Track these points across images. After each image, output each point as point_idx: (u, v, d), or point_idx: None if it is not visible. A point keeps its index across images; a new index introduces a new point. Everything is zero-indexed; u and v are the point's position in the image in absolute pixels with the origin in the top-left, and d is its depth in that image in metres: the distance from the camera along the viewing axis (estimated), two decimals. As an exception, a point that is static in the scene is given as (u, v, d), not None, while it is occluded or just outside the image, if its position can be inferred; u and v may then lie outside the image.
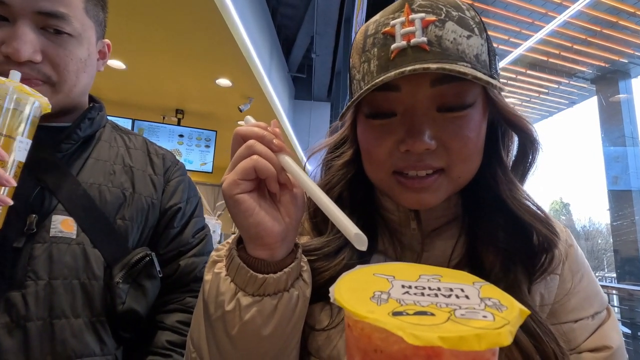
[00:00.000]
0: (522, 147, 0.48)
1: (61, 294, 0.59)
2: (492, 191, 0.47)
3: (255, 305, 0.37)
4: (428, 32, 0.40)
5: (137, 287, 0.66)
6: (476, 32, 0.42)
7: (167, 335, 0.69)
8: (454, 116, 0.42)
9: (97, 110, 0.71)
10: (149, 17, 2.89)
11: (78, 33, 0.62)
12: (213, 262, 0.41)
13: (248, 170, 0.37)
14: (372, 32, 0.44)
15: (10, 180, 0.49)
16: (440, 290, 0.25)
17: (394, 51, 0.41)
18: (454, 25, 0.41)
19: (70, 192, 0.64)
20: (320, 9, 5.17)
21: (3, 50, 0.56)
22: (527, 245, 0.46)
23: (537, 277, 0.46)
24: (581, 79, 5.31)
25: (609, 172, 4.51)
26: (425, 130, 0.41)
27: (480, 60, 0.42)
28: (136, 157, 0.75)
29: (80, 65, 0.64)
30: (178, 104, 5.02)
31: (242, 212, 0.37)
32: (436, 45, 0.40)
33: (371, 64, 0.43)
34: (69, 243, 0.62)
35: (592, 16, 4.31)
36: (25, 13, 0.57)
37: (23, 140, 0.52)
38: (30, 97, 0.53)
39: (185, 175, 0.82)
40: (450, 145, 0.42)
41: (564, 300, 0.47)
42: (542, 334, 0.41)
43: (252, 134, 0.38)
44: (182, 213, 0.77)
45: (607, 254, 4.91)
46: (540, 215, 0.46)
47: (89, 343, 0.60)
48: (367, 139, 0.45)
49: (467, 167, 0.44)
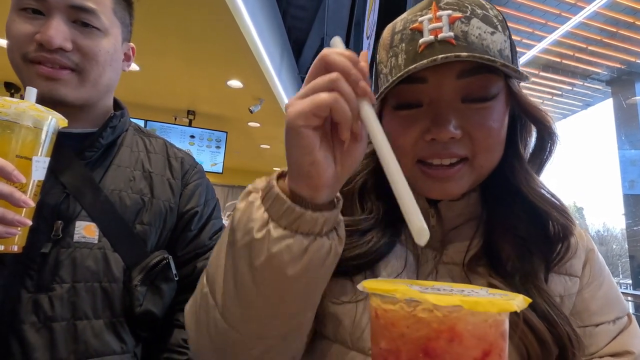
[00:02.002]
0: (540, 139, 0.50)
1: (83, 296, 0.62)
2: (509, 181, 0.48)
3: (286, 240, 0.34)
4: (455, 27, 0.42)
5: (155, 289, 0.68)
6: (499, 29, 0.44)
7: (183, 334, 0.71)
8: (478, 107, 0.44)
9: (118, 117, 0.74)
10: (163, 21, 2.93)
11: (105, 28, 0.67)
12: (248, 192, 0.39)
13: (323, 106, 0.32)
14: (400, 28, 0.46)
15: (28, 202, 0.51)
16: (453, 290, 0.28)
17: (422, 45, 0.43)
18: (478, 22, 0.43)
19: (93, 199, 0.66)
20: (330, 11, 5.18)
21: (37, 38, 0.60)
22: (544, 234, 0.47)
23: (554, 265, 0.47)
24: (596, 80, 5.21)
25: (624, 176, 4.41)
26: (450, 120, 0.43)
27: (504, 55, 0.44)
28: (155, 161, 0.77)
29: (107, 58, 0.67)
30: (189, 105, 5.07)
31: (301, 146, 0.33)
32: (462, 40, 0.42)
33: (399, 57, 0.45)
34: (91, 248, 0.64)
35: (608, 17, 4.23)
36: (59, 6, 0.62)
37: (40, 159, 0.53)
38: (46, 115, 0.54)
39: (204, 178, 0.83)
40: (475, 135, 0.44)
41: (585, 304, 0.48)
42: (556, 317, 0.42)
43: (340, 65, 0.33)
44: (200, 216, 0.78)
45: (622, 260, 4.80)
46: (556, 203, 0.47)
47: (109, 342, 0.63)
48: (393, 128, 0.46)
49: (489, 157, 0.45)
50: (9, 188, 0.49)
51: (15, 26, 0.62)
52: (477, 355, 0.23)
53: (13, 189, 0.49)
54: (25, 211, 0.52)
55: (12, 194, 0.49)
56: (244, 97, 4.44)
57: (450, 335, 0.23)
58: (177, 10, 2.79)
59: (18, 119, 0.51)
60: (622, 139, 4.57)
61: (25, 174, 0.51)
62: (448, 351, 0.23)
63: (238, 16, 2.88)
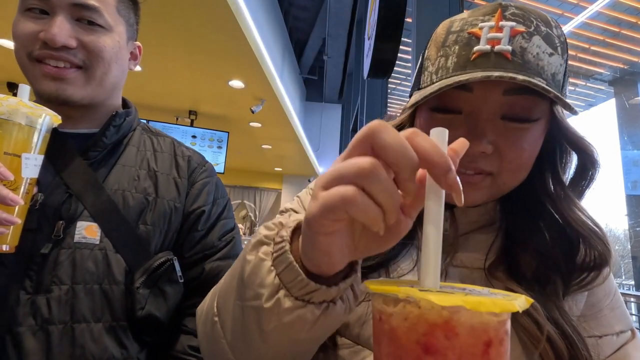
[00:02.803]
0: (582, 166, 0.48)
1: (82, 298, 0.61)
2: (545, 206, 0.48)
3: (298, 311, 0.32)
4: (514, 41, 0.41)
5: (158, 292, 0.67)
6: (559, 52, 0.42)
7: (188, 340, 0.69)
8: (516, 127, 0.42)
9: (122, 116, 0.72)
10: (164, 21, 2.94)
11: (109, 26, 0.67)
12: (259, 242, 0.36)
13: (338, 211, 0.25)
14: (457, 29, 0.44)
15: (16, 200, 0.50)
16: (454, 288, 0.28)
17: (476, 53, 0.41)
18: (540, 40, 0.41)
19: (95, 199, 0.65)
20: (332, 11, 5.18)
21: (42, 37, 0.61)
22: (571, 257, 0.46)
23: (575, 290, 0.46)
24: (599, 80, 5.19)
25: (627, 177, 4.39)
26: (486, 135, 0.42)
27: (556, 79, 0.42)
28: (162, 160, 0.76)
29: (112, 54, 0.67)
30: (191, 106, 5.08)
31: (315, 249, 0.29)
32: (519, 57, 0.40)
33: (449, 59, 0.43)
34: (92, 249, 0.63)
35: (611, 17, 4.22)
36: (63, 5, 0.62)
37: (30, 157, 0.52)
38: (39, 112, 0.53)
39: (213, 177, 0.81)
40: (505, 154, 0.43)
41: (592, 315, 0.47)
42: (577, 340, 0.41)
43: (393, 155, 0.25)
44: (208, 216, 0.76)
45: (625, 261, 4.77)
46: (598, 232, 0.46)
47: (108, 347, 0.61)
48: (427, 130, 0.45)
49: (514, 177, 0.45)
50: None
51: (20, 26, 0.62)
52: (478, 353, 0.23)
53: (1, 186, 0.48)
54: (18, 210, 0.51)
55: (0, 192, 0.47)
56: (246, 97, 4.44)
57: (451, 334, 0.23)
58: (178, 10, 2.80)
59: (9, 116, 0.50)
60: (625, 139, 4.56)
61: (16, 171, 0.50)
62: (449, 349, 0.23)
63: (240, 16, 2.88)
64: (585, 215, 0.47)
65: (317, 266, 0.31)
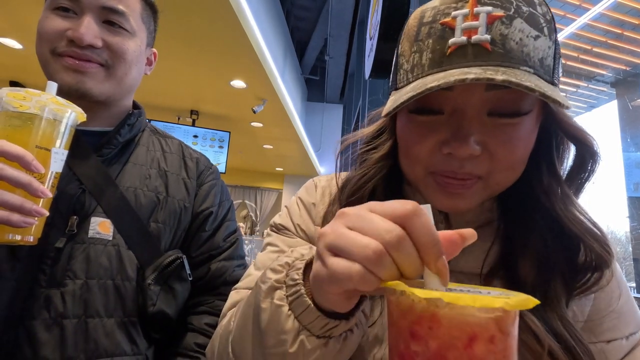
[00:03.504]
0: (580, 158, 0.45)
1: (95, 293, 0.62)
2: (541, 202, 0.44)
3: (321, 348, 0.34)
4: (493, 29, 0.36)
5: (168, 289, 0.68)
6: (545, 32, 0.38)
7: (195, 338, 0.71)
8: (505, 123, 0.39)
9: (136, 116, 0.75)
10: (166, 22, 2.94)
11: (134, 30, 0.69)
12: (272, 287, 0.36)
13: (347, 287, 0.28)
14: (429, 20, 0.40)
15: (46, 192, 0.51)
16: (462, 289, 0.29)
17: (452, 46, 0.37)
18: (522, 23, 0.37)
19: (109, 195, 0.66)
20: (334, 12, 5.19)
21: (69, 35, 0.63)
22: (571, 259, 0.43)
23: (578, 293, 0.43)
24: (601, 82, 5.18)
25: (629, 179, 4.38)
26: (472, 135, 0.38)
27: (545, 64, 0.38)
28: (171, 161, 0.78)
29: (134, 57, 0.70)
30: (193, 105, 5.09)
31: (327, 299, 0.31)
32: (499, 46, 0.36)
33: (423, 55, 0.39)
34: (105, 244, 0.64)
35: (613, 18, 4.21)
36: (92, 7, 0.64)
37: (58, 151, 0.54)
38: (66, 108, 0.55)
39: (219, 179, 0.83)
40: (496, 153, 0.39)
41: (599, 320, 0.45)
42: (582, 352, 0.40)
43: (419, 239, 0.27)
44: (214, 217, 0.78)
45: (626, 263, 4.76)
46: (595, 232, 0.43)
47: (120, 342, 0.62)
48: (409, 135, 0.43)
49: (507, 176, 0.42)
50: (28, 177, 0.49)
51: (48, 22, 0.64)
52: (460, 346, 0.24)
53: (32, 178, 0.49)
54: (43, 202, 0.52)
55: (31, 184, 0.49)
56: (247, 97, 4.44)
57: (435, 325, 0.24)
58: (180, 10, 2.80)
59: (39, 111, 0.52)
60: (628, 141, 4.55)
61: (44, 165, 0.51)
62: (431, 337, 0.24)
63: (241, 17, 2.88)
64: (582, 213, 0.44)
65: (331, 307, 0.32)
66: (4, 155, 0.48)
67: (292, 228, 0.54)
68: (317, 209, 0.54)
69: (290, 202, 0.58)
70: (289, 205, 0.57)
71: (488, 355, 0.24)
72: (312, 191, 0.57)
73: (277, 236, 0.54)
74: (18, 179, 0.48)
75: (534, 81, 0.35)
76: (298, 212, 0.55)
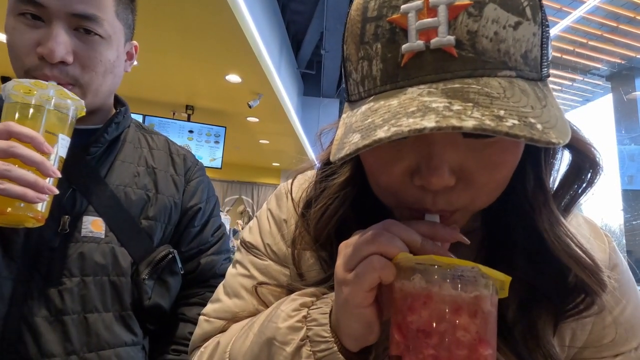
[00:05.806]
0: (575, 166, 0.38)
1: (93, 289, 0.64)
2: (525, 212, 0.38)
3: None
4: (457, 26, 0.28)
5: (162, 282, 0.70)
6: (528, 15, 0.29)
7: (189, 328, 0.74)
8: (484, 143, 0.31)
9: (122, 113, 0.74)
10: (161, 15, 2.91)
11: (108, 35, 0.65)
12: (297, 347, 0.35)
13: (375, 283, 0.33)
14: (374, 14, 0.31)
15: (56, 172, 0.53)
16: None
17: (406, 54, 0.29)
18: (496, 9, 0.28)
19: (99, 194, 0.67)
20: (330, 5, 5.15)
21: (39, 51, 0.59)
22: (558, 283, 0.38)
23: (567, 319, 0.38)
24: (596, 75, 5.20)
25: (623, 171, 4.42)
26: (445, 162, 0.31)
27: (530, 58, 0.30)
28: (159, 158, 0.78)
29: (108, 67, 0.67)
30: (188, 100, 5.05)
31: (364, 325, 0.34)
32: (468, 48, 0.28)
33: (373, 65, 0.31)
34: (99, 242, 0.66)
35: (609, 11, 4.21)
36: (60, 14, 0.59)
37: (65, 137, 0.56)
38: (69, 100, 0.57)
39: (205, 176, 0.85)
40: (475, 179, 0.32)
41: (603, 333, 0.41)
42: None
43: None
44: (202, 213, 0.80)
45: (620, 255, 4.82)
46: (584, 260, 0.36)
47: (119, 335, 0.65)
48: (372, 162, 0.36)
49: (488, 200, 0.35)
50: (41, 157, 0.51)
51: (16, 35, 0.60)
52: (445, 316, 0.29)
53: (44, 158, 0.51)
54: (52, 181, 0.54)
55: (44, 162, 0.51)
56: (243, 92, 4.42)
57: (428, 300, 0.30)
58: (175, 4, 2.77)
59: (46, 101, 0.54)
60: (622, 133, 4.58)
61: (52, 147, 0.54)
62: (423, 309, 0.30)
63: (237, 10, 2.86)
64: (572, 239, 0.37)
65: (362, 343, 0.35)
66: (18, 136, 0.50)
67: (261, 248, 0.50)
68: (289, 225, 0.49)
69: (260, 212, 0.54)
70: (259, 217, 0.53)
71: (470, 326, 0.28)
72: (283, 203, 0.51)
73: (247, 255, 0.51)
74: (32, 157, 0.50)
75: (517, 105, 0.27)
76: (268, 229, 0.50)
